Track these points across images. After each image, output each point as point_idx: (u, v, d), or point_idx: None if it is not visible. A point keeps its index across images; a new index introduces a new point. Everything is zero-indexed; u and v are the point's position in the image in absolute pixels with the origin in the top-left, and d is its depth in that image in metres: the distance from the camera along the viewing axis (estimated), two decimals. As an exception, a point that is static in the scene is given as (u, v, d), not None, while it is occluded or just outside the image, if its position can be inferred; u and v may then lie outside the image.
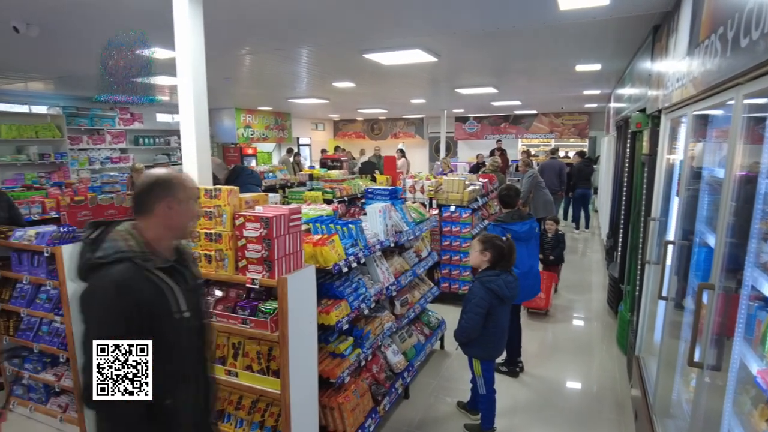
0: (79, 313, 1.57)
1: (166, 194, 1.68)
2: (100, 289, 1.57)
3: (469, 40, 5.16)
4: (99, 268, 1.59)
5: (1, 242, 3.56)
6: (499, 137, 15.77)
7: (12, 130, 8.64)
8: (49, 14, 3.81)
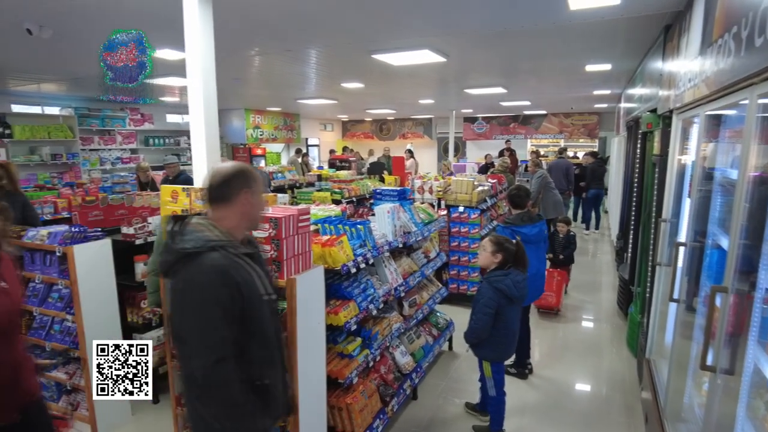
0: (178, 302, 1.63)
1: (244, 185, 1.75)
2: (203, 276, 1.62)
3: (478, 41, 5.15)
4: (192, 258, 1.63)
5: (15, 242, 3.60)
6: (508, 137, 15.70)
7: (25, 131, 8.76)
8: (62, 17, 3.85)
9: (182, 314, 1.65)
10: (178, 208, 2.62)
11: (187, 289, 1.63)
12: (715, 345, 1.95)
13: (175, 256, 1.67)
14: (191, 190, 2.59)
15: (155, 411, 3.82)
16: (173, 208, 2.64)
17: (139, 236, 3.79)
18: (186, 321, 1.64)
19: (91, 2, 3.51)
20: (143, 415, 3.76)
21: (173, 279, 1.68)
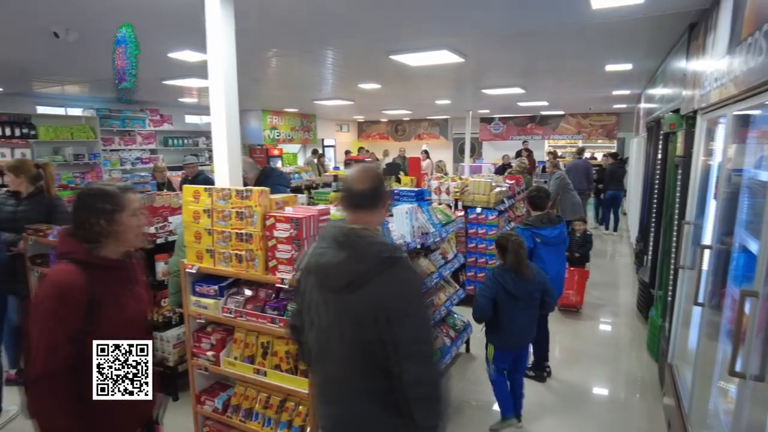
0: (398, 308, 1.56)
1: (385, 190, 1.78)
2: (414, 282, 1.67)
3: (496, 41, 5.11)
4: (392, 262, 1.60)
5: (41, 240, 3.68)
6: (526, 138, 15.56)
7: (49, 132, 8.94)
8: (87, 20, 3.92)
9: (405, 321, 1.57)
10: (200, 208, 2.65)
11: (408, 294, 1.61)
12: (745, 350, 1.90)
13: (374, 262, 1.59)
14: (213, 191, 2.62)
15: (174, 408, 3.85)
16: (195, 208, 2.67)
17: (160, 235, 3.84)
18: (410, 327, 1.58)
19: (115, 5, 3.56)
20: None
21: (365, 288, 1.58)
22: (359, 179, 1.72)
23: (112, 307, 1.73)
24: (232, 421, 2.78)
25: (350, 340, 1.62)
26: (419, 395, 1.58)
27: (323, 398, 1.81)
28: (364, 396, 1.67)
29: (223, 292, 2.72)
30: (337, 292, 1.64)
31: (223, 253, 2.62)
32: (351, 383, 1.68)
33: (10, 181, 3.93)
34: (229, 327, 2.81)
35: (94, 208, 1.74)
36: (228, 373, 2.76)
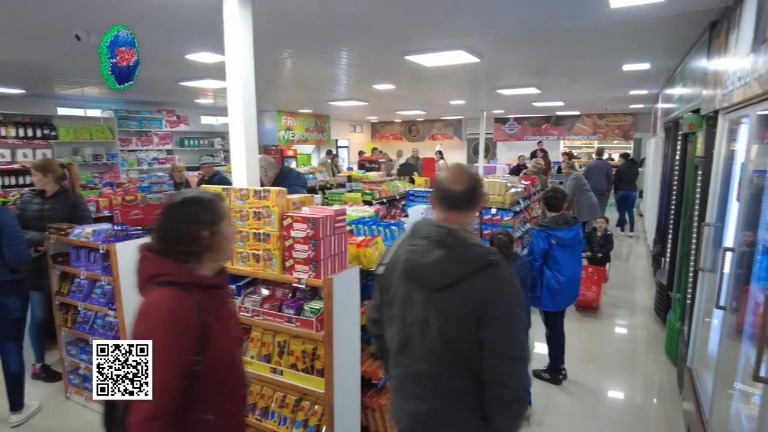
0: (497, 310, 1.56)
1: (481, 191, 1.76)
2: (514, 285, 1.63)
3: (512, 41, 5.08)
4: (492, 264, 1.60)
5: (61, 239, 3.75)
6: (541, 138, 15.45)
7: (69, 133, 9.10)
8: (108, 23, 3.97)
9: (502, 323, 1.57)
10: (218, 207, 2.67)
11: (503, 297, 1.59)
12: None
13: (474, 264, 1.59)
14: (231, 191, 2.64)
15: (191, 406, 3.90)
16: (213, 207, 2.69)
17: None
18: (507, 330, 1.59)
19: (135, 8, 3.61)
20: (180, 409, 3.84)
21: (463, 288, 1.58)
22: (456, 180, 1.71)
23: (220, 332, 1.58)
24: (248, 420, 2.80)
25: (440, 337, 1.62)
26: (506, 397, 1.58)
27: (402, 393, 1.79)
28: (447, 394, 1.66)
29: (241, 291, 2.74)
30: (432, 290, 1.63)
31: (241, 253, 2.64)
32: (436, 381, 1.67)
33: (38, 180, 4.01)
34: (246, 326, 2.83)
35: (195, 219, 1.55)
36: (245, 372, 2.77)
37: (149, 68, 6.26)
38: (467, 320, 1.57)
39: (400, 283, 1.72)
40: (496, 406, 1.59)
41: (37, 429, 3.64)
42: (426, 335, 1.64)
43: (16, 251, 3.40)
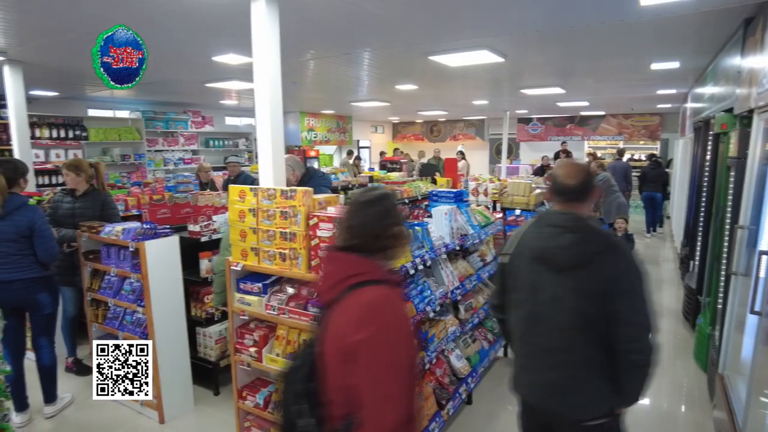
0: (626, 284, 1.77)
1: (595, 185, 1.95)
2: (637, 263, 1.82)
3: (538, 40, 5.03)
4: (615, 246, 1.83)
5: (93, 236, 3.85)
6: (564, 139, 15.22)
7: (99, 133, 9.36)
8: (137, 26, 4.06)
9: (632, 297, 1.77)
10: (246, 207, 2.71)
11: (631, 273, 1.79)
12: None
13: (602, 246, 1.81)
14: (258, 191, 2.68)
15: (216, 402, 3.96)
16: (240, 207, 2.73)
17: (205, 233, 3.95)
18: (635, 302, 1.77)
19: (166, 11, 3.68)
20: (204, 405, 3.91)
21: (594, 267, 1.79)
22: (570, 175, 1.91)
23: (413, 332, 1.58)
24: (273, 417, 2.83)
25: (571, 312, 1.82)
26: (638, 362, 1.79)
27: (529, 368, 1.99)
28: (577, 362, 1.86)
29: (267, 289, 2.78)
30: (563, 269, 1.83)
31: (268, 252, 2.68)
32: (567, 351, 1.86)
33: (71, 179, 4.12)
34: (272, 324, 2.87)
35: (389, 215, 1.53)
36: (270, 369, 2.81)
37: (176, 70, 6.41)
38: (597, 294, 1.77)
39: (529, 267, 1.93)
40: (629, 370, 1.81)
41: (70, 421, 3.75)
42: (557, 311, 1.85)
43: (47, 248, 3.51)
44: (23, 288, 3.46)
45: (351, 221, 1.53)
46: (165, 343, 3.58)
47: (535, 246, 1.92)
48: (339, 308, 1.42)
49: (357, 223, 1.51)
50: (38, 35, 4.42)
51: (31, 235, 3.43)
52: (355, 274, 1.44)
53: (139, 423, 3.69)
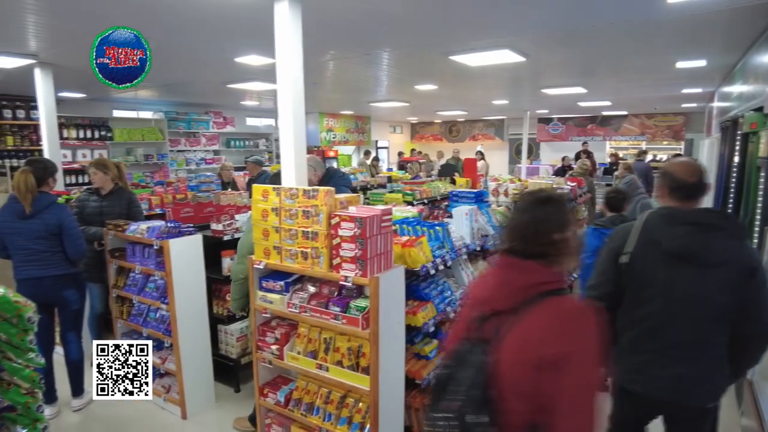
0: (761, 273, 1.90)
1: (708, 183, 2.06)
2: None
3: (560, 39, 4.97)
4: (746, 237, 2.04)
5: (119, 234, 3.93)
6: (586, 139, 15.01)
7: (123, 134, 9.56)
8: (163, 28, 4.15)
9: (765, 284, 1.90)
10: (269, 206, 2.74)
11: (759, 258, 1.98)
12: None
13: (741, 239, 1.95)
14: (281, 190, 2.70)
15: (236, 399, 4.01)
16: (264, 206, 2.76)
17: (227, 232, 4.01)
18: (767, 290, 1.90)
19: (192, 14, 3.74)
20: (225, 402, 3.96)
21: (735, 261, 1.88)
22: (690, 173, 1.99)
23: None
24: (293, 415, 2.85)
25: (714, 304, 1.90)
26: (764, 343, 1.98)
27: (659, 363, 2.02)
28: (713, 352, 1.96)
29: (289, 287, 2.80)
30: (710, 265, 1.89)
31: (290, 250, 2.70)
32: (704, 343, 1.96)
33: (99, 178, 4.22)
34: (293, 322, 2.89)
35: (564, 221, 1.46)
36: (291, 367, 2.83)
37: (199, 71, 6.51)
38: (738, 285, 1.87)
39: (664, 265, 1.97)
40: (756, 349, 2.00)
41: (96, 414, 3.84)
42: (696, 305, 1.92)
43: (76, 246, 3.60)
44: (52, 285, 3.55)
45: (528, 226, 1.46)
46: (188, 340, 3.64)
47: (674, 244, 1.94)
48: (527, 317, 1.38)
49: (535, 229, 1.44)
50: (67, 38, 4.53)
51: (60, 232, 3.52)
52: (542, 282, 1.41)
53: (162, 417, 3.76)
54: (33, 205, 3.44)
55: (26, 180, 3.41)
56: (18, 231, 3.45)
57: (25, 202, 3.42)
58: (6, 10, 3.62)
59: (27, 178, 3.42)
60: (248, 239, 3.08)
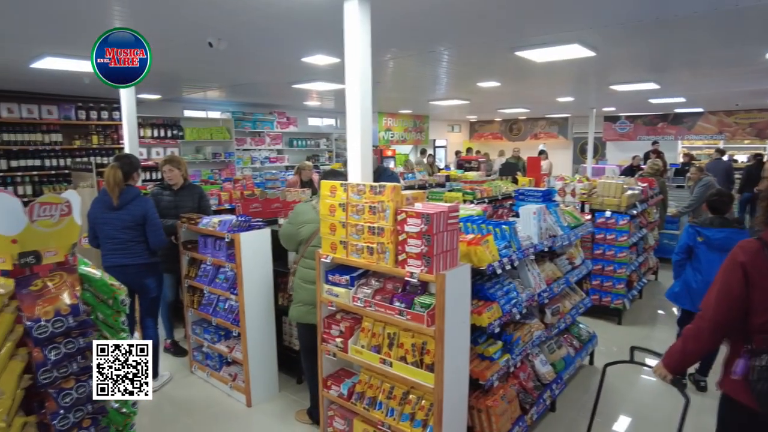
0: None
1: None
2: None
3: (634, 31, 4.72)
4: None
5: (192, 227, 4.13)
6: (656, 138, 14.21)
7: (193, 133, 10.06)
8: (236, 29, 4.32)
9: None
10: (336, 202, 2.79)
11: None
12: None
13: None
14: (348, 186, 2.74)
15: (298, 390, 4.11)
16: (331, 202, 2.82)
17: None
18: None
19: (264, 14, 3.86)
20: (287, 392, 4.07)
21: None
22: None
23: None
24: (356, 408, 2.89)
25: None
26: None
27: None
28: None
29: (354, 282, 2.84)
30: None
31: (356, 245, 2.73)
32: None
33: (175, 174, 4.47)
34: (357, 316, 2.93)
35: None
36: (355, 361, 2.87)
37: (267, 72, 6.73)
38: None
39: None
40: None
41: (168, 396, 4.07)
42: None
43: (157, 236, 3.85)
44: (135, 272, 3.80)
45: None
46: (255, 330, 3.77)
47: None
48: None
49: None
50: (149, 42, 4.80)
51: (144, 223, 3.78)
52: None
53: (228, 404, 3.92)
54: (120, 198, 3.70)
55: (114, 174, 3.69)
56: (107, 221, 3.73)
57: (113, 194, 3.69)
58: (91, 16, 3.89)
59: (115, 173, 3.70)
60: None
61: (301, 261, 3.35)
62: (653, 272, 6.98)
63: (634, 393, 4.10)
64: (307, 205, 3.36)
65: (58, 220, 1.75)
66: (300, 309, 3.35)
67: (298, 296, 3.37)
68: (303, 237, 3.30)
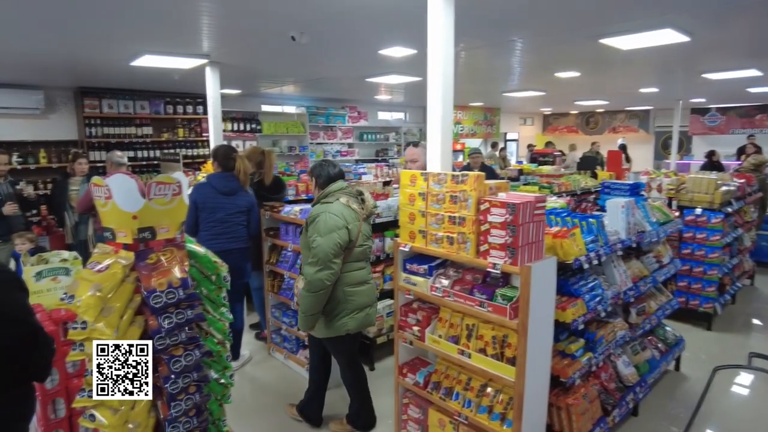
0: None
1: None
2: None
3: (735, 12, 4.34)
4: None
5: (274, 215, 4.32)
6: (753, 132, 13.00)
7: (270, 127, 10.48)
8: (321, 22, 4.41)
9: None
10: (416, 191, 2.81)
11: None
12: None
13: None
14: (429, 175, 2.75)
15: (372, 378, 4.11)
16: (411, 191, 2.84)
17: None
18: None
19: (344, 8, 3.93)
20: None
21: None
22: None
23: None
24: (432, 397, 2.90)
25: None
26: None
27: None
28: None
29: (432, 271, 2.84)
30: None
31: (435, 235, 2.74)
32: None
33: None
34: (434, 306, 2.94)
35: None
36: (431, 350, 2.88)
37: (344, 65, 6.85)
38: None
39: None
40: None
41: (248, 375, 4.29)
42: None
43: (257, 223, 4.25)
44: (238, 256, 4.02)
45: None
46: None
47: None
48: None
49: None
50: (237, 37, 5.04)
51: (249, 211, 4.12)
52: None
53: (303, 385, 4.04)
54: (239, 186, 4.09)
55: (245, 165, 4.14)
56: (222, 206, 3.99)
57: (246, 182, 4.13)
58: (184, 14, 4.12)
59: (245, 164, 4.14)
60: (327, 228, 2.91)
61: (347, 266, 3.05)
62: (749, 276, 6.44)
63: (733, 403, 3.82)
64: (335, 207, 3.02)
65: (171, 199, 1.90)
66: (357, 317, 3.12)
67: (354, 304, 3.09)
68: (353, 238, 3.03)
